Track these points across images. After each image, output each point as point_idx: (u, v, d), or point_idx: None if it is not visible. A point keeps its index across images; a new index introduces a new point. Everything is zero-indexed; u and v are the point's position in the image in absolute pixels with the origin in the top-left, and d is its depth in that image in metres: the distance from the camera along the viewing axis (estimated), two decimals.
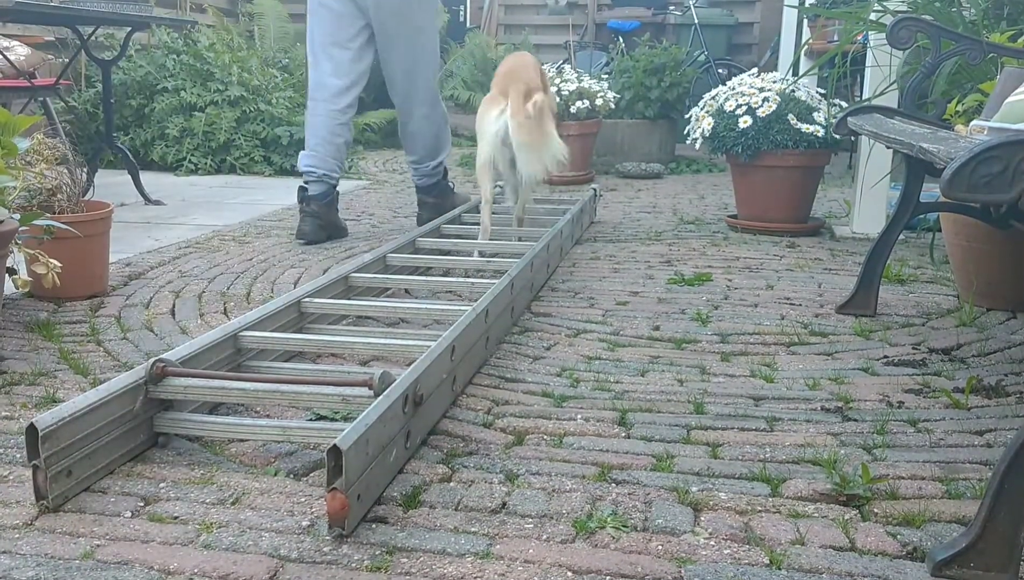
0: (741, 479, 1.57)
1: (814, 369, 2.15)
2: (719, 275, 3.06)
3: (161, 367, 1.65)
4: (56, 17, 4.26)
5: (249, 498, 1.48)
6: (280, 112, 5.60)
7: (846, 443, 1.72)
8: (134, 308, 2.56)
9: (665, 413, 1.87)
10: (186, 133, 5.43)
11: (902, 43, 2.51)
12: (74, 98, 5.49)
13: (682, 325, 2.49)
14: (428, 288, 2.70)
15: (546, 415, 1.84)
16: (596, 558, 1.31)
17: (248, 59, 5.99)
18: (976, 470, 1.60)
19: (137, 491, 1.50)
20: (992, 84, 2.41)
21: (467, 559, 1.31)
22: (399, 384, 1.57)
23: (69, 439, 1.44)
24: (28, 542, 1.34)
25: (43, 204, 2.51)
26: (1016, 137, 1.19)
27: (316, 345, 2.10)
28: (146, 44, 6.10)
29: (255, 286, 2.83)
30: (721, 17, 7.79)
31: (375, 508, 1.44)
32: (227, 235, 3.61)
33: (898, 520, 1.43)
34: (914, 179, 2.48)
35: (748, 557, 1.33)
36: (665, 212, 4.38)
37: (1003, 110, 2.11)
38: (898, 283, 2.95)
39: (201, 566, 1.28)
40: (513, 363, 2.17)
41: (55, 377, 2.02)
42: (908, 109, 2.55)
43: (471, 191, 4.94)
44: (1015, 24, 2.91)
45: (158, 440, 1.68)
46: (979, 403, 1.92)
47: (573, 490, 1.52)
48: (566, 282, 2.96)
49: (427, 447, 1.68)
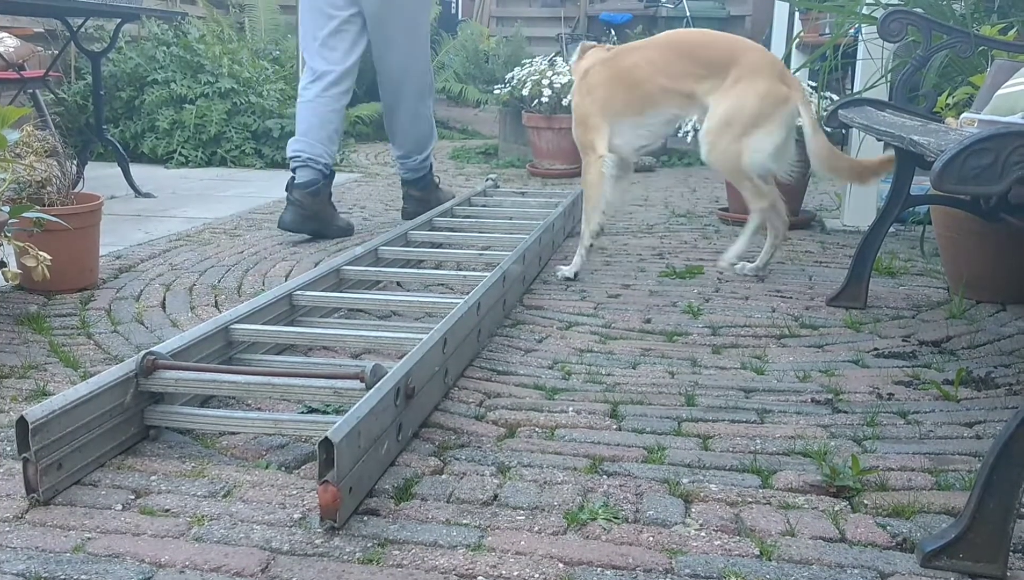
0: (732, 471, 1.58)
1: (804, 361, 2.15)
2: (710, 268, 3.07)
3: (152, 360, 1.65)
4: (46, 8, 4.24)
5: (240, 491, 1.48)
6: (271, 104, 5.58)
7: (836, 435, 1.72)
8: (124, 301, 2.56)
9: (656, 405, 1.87)
10: (176, 125, 5.41)
11: (893, 36, 2.52)
12: (64, 90, 5.46)
13: (673, 318, 2.49)
14: (420, 281, 2.70)
15: (538, 408, 1.85)
16: (587, 549, 1.32)
17: (239, 51, 5.96)
18: (965, 461, 1.61)
19: (128, 484, 1.50)
20: (982, 77, 2.42)
21: (459, 551, 1.31)
22: (391, 377, 1.57)
23: (59, 432, 1.44)
24: (18, 535, 1.34)
25: (33, 196, 2.49)
26: (1006, 129, 1.20)
27: (308, 338, 2.09)
28: (136, 36, 6.06)
29: (246, 279, 2.82)
30: (713, 10, 7.79)
31: (367, 500, 1.45)
32: (218, 228, 3.60)
33: (888, 511, 1.44)
34: (904, 172, 2.49)
35: (738, 548, 1.33)
36: (657, 205, 4.39)
37: (993, 103, 2.12)
38: (888, 276, 2.96)
39: (192, 559, 1.28)
40: (505, 356, 2.17)
41: (45, 370, 2.01)
42: (899, 102, 2.55)
43: (463, 185, 4.94)
44: (1005, 17, 2.92)
45: (149, 433, 1.68)
46: (968, 395, 1.93)
47: (564, 482, 1.52)
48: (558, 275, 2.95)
49: (419, 440, 1.68)
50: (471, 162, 5.99)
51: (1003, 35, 2.61)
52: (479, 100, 7.73)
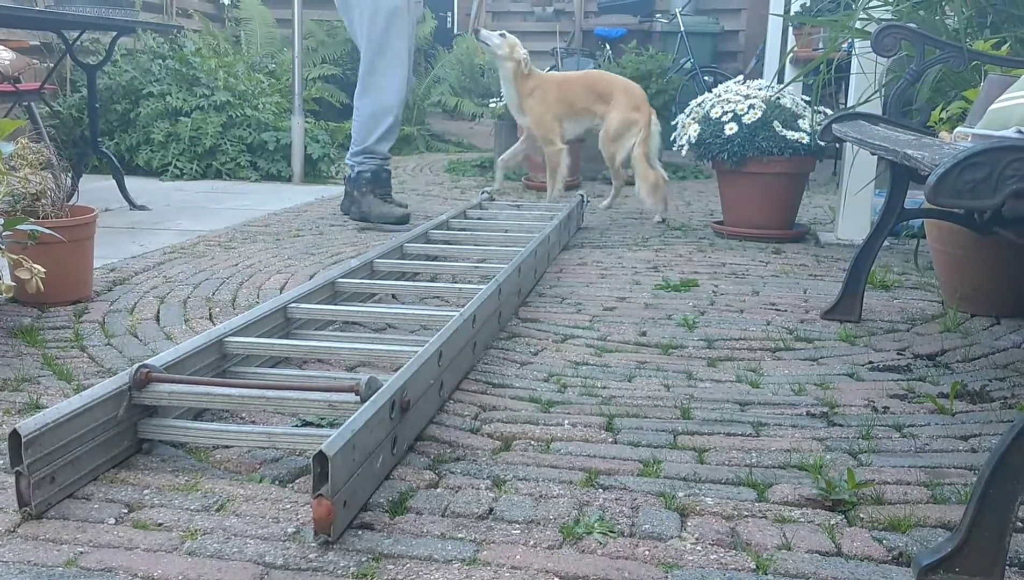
0: (727, 484, 1.57)
1: (800, 374, 2.15)
2: (705, 281, 3.07)
3: (145, 373, 1.64)
4: (41, 21, 4.24)
5: (234, 505, 1.47)
6: (266, 117, 5.59)
7: (832, 448, 1.72)
8: (118, 314, 2.55)
9: (652, 418, 1.87)
10: (172, 138, 5.41)
11: (887, 50, 2.53)
12: (59, 103, 5.46)
13: (669, 331, 2.49)
14: (415, 293, 2.69)
15: (533, 421, 1.84)
16: (583, 563, 1.31)
17: (234, 64, 5.97)
18: (961, 475, 1.61)
19: (121, 498, 1.49)
20: (976, 91, 2.42)
21: (454, 565, 1.30)
22: (386, 390, 1.57)
23: (52, 445, 1.43)
24: (11, 549, 1.33)
25: (27, 209, 2.49)
26: (1000, 143, 1.20)
27: (302, 351, 2.09)
28: (132, 49, 6.07)
29: (241, 291, 2.82)
30: (707, 25, 7.82)
31: (361, 514, 1.44)
32: (213, 240, 3.59)
33: (884, 525, 1.43)
34: (898, 186, 2.49)
35: (734, 562, 1.33)
36: (652, 218, 4.39)
37: (987, 117, 2.12)
38: (883, 289, 2.97)
39: (185, 573, 1.27)
40: (500, 369, 2.16)
41: (38, 383, 2.00)
42: (893, 116, 2.56)
43: (459, 198, 4.94)
44: (998, 32, 2.93)
45: (142, 446, 1.67)
46: (964, 408, 1.93)
47: (560, 495, 1.52)
48: (553, 288, 2.96)
49: (414, 453, 1.68)
50: (467, 175, 6.00)
51: (996, 50, 2.62)
52: (474, 113, 7.75)
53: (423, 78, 7.84)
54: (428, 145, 7.55)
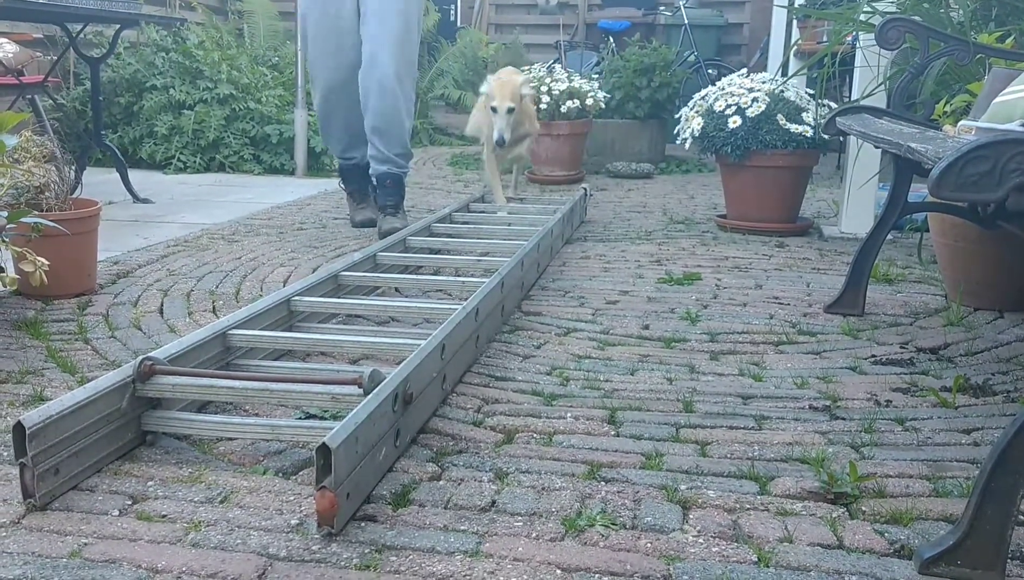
0: (729, 477, 1.58)
1: (802, 368, 2.15)
2: (708, 274, 3.07)
3: (149, 365, 1.65)
4: (45, 14, 4.24)
5: (237, 497, 1.48)
6: (270, 111, 5.59)
7: (834, 441, 1.72)
8: (122, 306, 2.55)
9: (654, 412, 1.87)
10: (175, 131, 5.41)
11: (891, 44, 2.52)
12: (62, 96, 5.46)
13: (671, 324, 2.49)
14: (418, 287, 2.70)
15: (536, 414, 1.84)
16: (585, 556, 1.32)
17: (238, 57, 5.97)
18: (963, 468, 1.61)
19: (125, 489, 1.50)
20: (980, 85, 2.42)
21: (456, 557, 1.31)
22: (389, 382, 1.57)
23: (56, 437, 1.44)
24: (15, 540, 1.33)
25: (31, 202, 2.49)
26: (1004, 137, 1.20)
27: (305, 344, 2.09)
28: (135, 42, 6.07)
29: (244, 285, 2.82)
30: (711, 18, 7.81)
31: (364, 507, 1.44)
32: (216, 233, 3.60)
33: (886, 518, 1.43)
34: (902, 179, 2.49)
35: (736, 555, 1.33)
36: (655, 212, 4.39)
37: (991, 110, 2.12)
38: (886, 283, 2.96)
39: (189, 564, 1.27)
40: (503, 362, 2.17)
41: (42, 375, 2.01)
42: (896, 109, 2.56)
43: (462, 191, 4.94)
44: (1003, 25, 2.92)
45: (146, 438, 1.67)
46: (966, 402, 1.93)
47: (562, 488, 1.52)
48: (556, 281, 2.96)
49: (417, 446, 1.68)
50: (470, 168, 6.00)
51: (1001, 43, 2.62)
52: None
53: (426, 71, 7.83)
54: (432, 139, 7.54)
